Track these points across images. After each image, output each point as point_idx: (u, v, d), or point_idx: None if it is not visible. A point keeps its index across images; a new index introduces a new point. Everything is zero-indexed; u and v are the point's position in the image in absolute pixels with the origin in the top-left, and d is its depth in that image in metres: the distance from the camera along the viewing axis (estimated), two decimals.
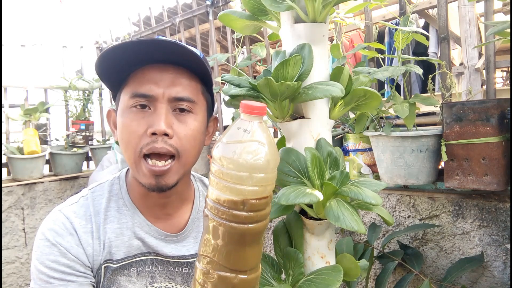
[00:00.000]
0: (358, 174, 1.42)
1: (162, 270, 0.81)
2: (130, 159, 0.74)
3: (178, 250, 0.83)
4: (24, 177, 2.69)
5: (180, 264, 0.83)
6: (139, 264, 0.79)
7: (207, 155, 2.11)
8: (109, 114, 0.83)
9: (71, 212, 0.78)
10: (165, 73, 0.74)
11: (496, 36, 1.12)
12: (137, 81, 0.73)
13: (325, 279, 0.71)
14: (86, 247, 0.77)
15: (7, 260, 2.61)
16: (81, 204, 0.80)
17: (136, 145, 0.72)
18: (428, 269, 1.28)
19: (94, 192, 0.83)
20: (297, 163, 0.73)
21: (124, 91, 0.76)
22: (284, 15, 0.78)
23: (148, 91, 0.72)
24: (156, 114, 0.72)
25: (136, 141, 0.72)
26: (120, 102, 0.77)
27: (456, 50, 3.26)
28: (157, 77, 0.73)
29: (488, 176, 1.05)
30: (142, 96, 0.72)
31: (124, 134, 0.73)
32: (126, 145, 0.73)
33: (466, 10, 1.95)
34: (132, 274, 0.79)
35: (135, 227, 0.80)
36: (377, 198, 0.67)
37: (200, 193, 0.91)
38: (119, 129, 0.76)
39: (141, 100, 0.72)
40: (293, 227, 0.80)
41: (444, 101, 1.29)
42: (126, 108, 0.74)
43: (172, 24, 2.61)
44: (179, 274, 0.83)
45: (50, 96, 3.17)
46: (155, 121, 0.71)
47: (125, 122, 0.73)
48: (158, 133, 0.70)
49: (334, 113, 0.81)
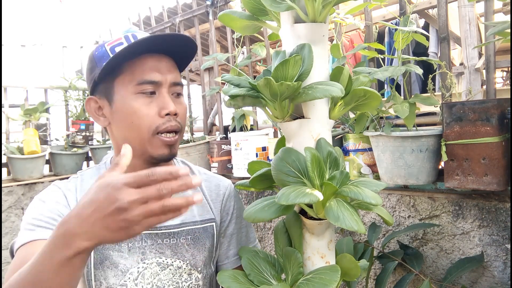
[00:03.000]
0: (358, 174, 1.42)
1: (152, 245, 0.86)
2: (142, 138, 0.82)
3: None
4: (24, 177, 2.69)
5: (168, 235, 0.87)
6: (129, 239, 0.83)
7: (207, 155, 2.11)
8: (89, 102, 0.88)
9: (63, 185, 0.88)
10: (162, 62, 0.84)
11: (496, 36, 1.12)
12: (139, 70, 0.81)
13: (322, 279, 0.71)
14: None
15: (7, 260, 2.61)
16: (72, 183, 0.89)
17: (150, 126, 0.81)
18: (428, 269, 1.28)
19: (83, 174, 0.91)
20: (297, 163, 0.74)
21: (121, 80, 0.82)
22: (284, 15, 0.78)
23: (153, 77, 0.81)
24: (163, 98, 0.82)
25: (149, 122, 0.81)
26: (116, 89, 0.83)
27: (456, 50, 3.26)
28: (158, 65, 0.83)
29: (488, 176, 1.05)
30: (149, 83, 0.81)
31: (134, 118, 0.81)
32: (139, 127, 0.81)
33: (466, 10, 1.95)
34: (124, 249, 0.84)
35: None
36: (377, 198, 0.67)
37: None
38: (125, 113, 0.82)
39: (147, 86, 0.81)
40: (293, 227, 0.80)
41: (444, 101, 1.29)
42: (132, 94, 0.81)
43: (172, 24, 2.61)
44: (168, 247, 0.87)
45: (50, 96, 3.16)
46: (165, 104, 0.81)
47: (135, 107, 0.80)
48: (171, 113, 0.82)
49: (334, 113, 0.81)
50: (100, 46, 0.86)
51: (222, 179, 1.03)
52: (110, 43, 0.85)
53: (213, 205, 0.96)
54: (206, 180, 1.00)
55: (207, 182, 0.99)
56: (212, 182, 1.00)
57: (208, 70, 2.92)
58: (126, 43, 0.83)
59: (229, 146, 2.00)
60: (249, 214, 0.77)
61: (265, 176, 0.82)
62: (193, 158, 2.09)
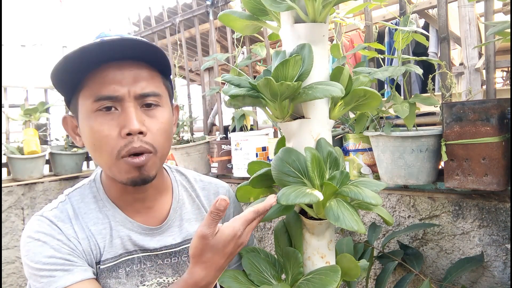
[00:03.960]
0: (358, 174, 1.42)
1: (151, 266, 0.82)
2: (107, 162, 0.73)
3: (164, 241, 0.84)
4: (24, 177, 2.69)
5: (169, 255, 0.84)
6: (127, 264, 0.80)
7: (207, 155, 2.11)
8: (65, 121, 0.80)
9: (53, 217, 0.77)
10: (126, 70, 0.71)
11: (496, 36, 1.12)
12: (97, 83, 0.70)
13: (322, 279, 0.71)
14: (76, 244, 0.76)
15: (7, 260, 2.61)
16: (61, 210, 0.79)
17: (112, 148, 0.71)
18: (428, 269, 1.28)
19: (71, 197, 0.82)
20: (297, 163, 0.74)
21: (82, 95, 0.72)
22: (284, 15, 0.78)
23: (112, 92, 0.70)
24: (125, 114, 0.70)
25: (111, 144, 0.70)
26: (80, 106, 0.73)
27: (456, 50, 3.26)
28: (119, 76, 0.71)
29: (488, 176, 1.05)
30: (107, 99, 0.70)
31: (95, 139, 0.71)
32: (100, 150, 0.72)
33: (466, 10, 1.95)
34: (121, 275, 0.78)
35: (118, 226, 0.80)
36: (377, 198, 0.67)
37: (179, 183, 0.92)
38: (87, 135, 0.73)
39: (106, 103, 0.70)
40: (293, 227, 0.80)
41: (444, 101, 1.29)
42: (91, 112, 0.71)
43: (172, 24, 2.61)
44: (169, 266, 0.84)
45: (50, 96, 3.17)
46: (127, 121, 0.70)
47: (95, 127, 0.71)
48: (133, 133, 0.70)
49: (334, 113, 0.81)
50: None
51: (220, 185, 0.98)
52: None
53: None
54: (203, 189, 0.95)
55: (205, 190, 0.95)
56: (211, 191, 0.95)
57: (208, 70, 2.92)
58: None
59: (229, 146, 2.00)
60: None
61: (265, 176, 0.82)
62: (193, 158, 2.09)
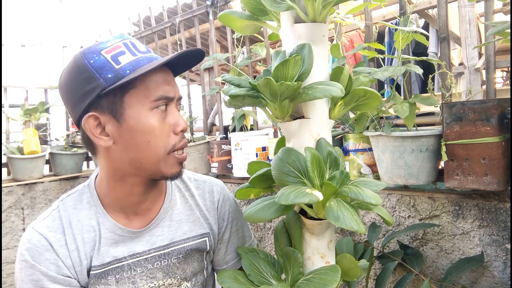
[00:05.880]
0: (358, 174, 1.42)
1: (142, 272, 0.83)
2: (158, 157, 0.77)
3: (152, 243, 0.85)
4: (24, 177, 2.69)
5: (158, 258, 0.85)
6: (116, 271, 0.80)
7: (207, 155, 2.11)
8: (88, 120, 0.75)
9: (44, 228, 0.79)
10: (169, 76, 0.80)
11: (496, 36, 1.12)
12: (153, 84, 0.75)
13: (322, 279, 0.71)
14: (64, 259, 0.77)
15: (7, 260, 2.61)
16: (53, 218, 0.81)
17: (166, 144, 0.77)
18: (428, 269, 1.28)
19: (64, 203, 0.83)
20: (297, 163, 0.73)
21: (135, 94, 0.74)
22: (284, 15, 0.78)
23: (167, 92, 0.77)
24: (174, 113, 0.79)
25: (165, 140, 0.77)
26: (130, 105, 0.74)
27: (456, 50, 3.26)
28: (168, 78, 0.79)
29: (488, 176, 1.05)
30: (165, 99, 0.77)
31: (153, 136, 0.76)
32: (155, 146, 0.76)
33: (466, 10, 1.95)
34: (111, 282, 0.80)
35: (107, 233, 0.81)
36: (377, 198, 0.67)
37: (173, 183, 0.94)
38: (141, 132, 0.75)
39: (163, 102, 0.77)
40: (292, 227, 0.80)
41: (444, 101, 1.29)
42: (147, 111, 0.75)
43: (172, 24, 2.61)
44: (159, 269, 0.85)
45: (50, 96, 3.16)
46: (178, 121, 0.79)
47: (154, 124, 0.76)
48: (184, 130, 0.80)
49: (334, 113, 0.81)
50: (92, 53, 0.74)
51: (214, 183, 0.99)
52: (108, 50, 0.74)
53: (209, 214, 0.94)
54: (197, 188, 0.96)
55: (199, 190, 0.96)
56: (205, 189, 0.96)
57: (208, 70, 2.92)
58: (128, 52, 0.75)
59: (229, 146, 2.00)
60: (249, 214, 0.77)
61: (265, 176, 0.82)
62: (193, 158, 2.09)
